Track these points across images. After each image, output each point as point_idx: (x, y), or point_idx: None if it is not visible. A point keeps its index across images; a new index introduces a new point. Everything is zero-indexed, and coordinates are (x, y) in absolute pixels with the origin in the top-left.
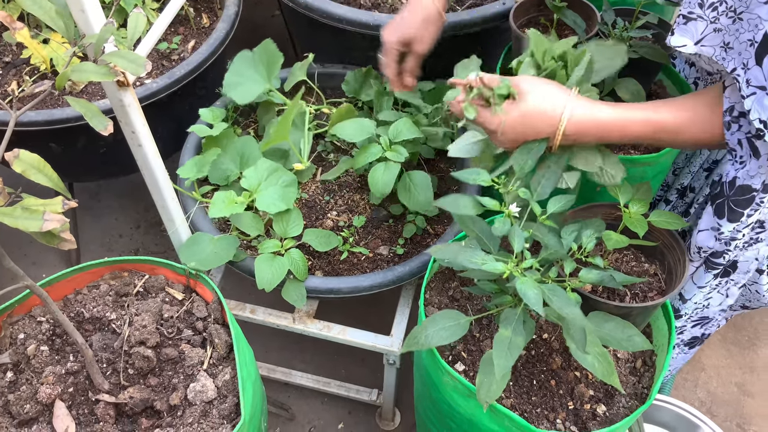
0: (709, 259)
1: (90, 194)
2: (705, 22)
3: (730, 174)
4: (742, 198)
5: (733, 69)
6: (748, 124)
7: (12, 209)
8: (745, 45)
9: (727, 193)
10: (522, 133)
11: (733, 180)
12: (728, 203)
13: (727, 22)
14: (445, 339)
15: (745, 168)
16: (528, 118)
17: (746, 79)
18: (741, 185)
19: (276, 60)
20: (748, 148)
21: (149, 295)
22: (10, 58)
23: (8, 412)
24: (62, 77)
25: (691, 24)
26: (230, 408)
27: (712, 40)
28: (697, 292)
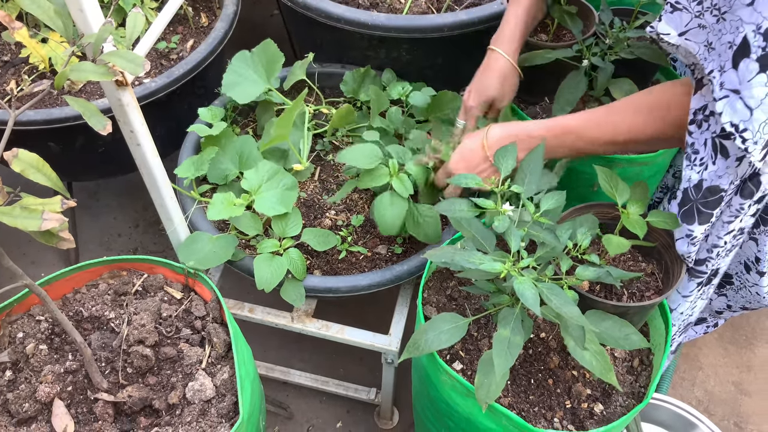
0: (692, 268)
1: (89, 193)
2: (690, 14)
3: (693, 179)
4: (711, 199)
5: (710, 71)
6: (715, 123)
7: (11, 208)
8: (725, 47)
9: (694, 197)
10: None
11: (700, 183)
12: (696, 206)
13: (712, 20)
14: (445, 342)
15: (712, 169)
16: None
17: (720, 81)
18: (709, 187)
19: (276, 60)
20: (710, 149)
21: (148, 294)
22: (8, 57)
23: (7, 410)
24: (61, 77)
25: (677, 14)
26: (229, 407)
27: (696, 35)
28: (682, 302)
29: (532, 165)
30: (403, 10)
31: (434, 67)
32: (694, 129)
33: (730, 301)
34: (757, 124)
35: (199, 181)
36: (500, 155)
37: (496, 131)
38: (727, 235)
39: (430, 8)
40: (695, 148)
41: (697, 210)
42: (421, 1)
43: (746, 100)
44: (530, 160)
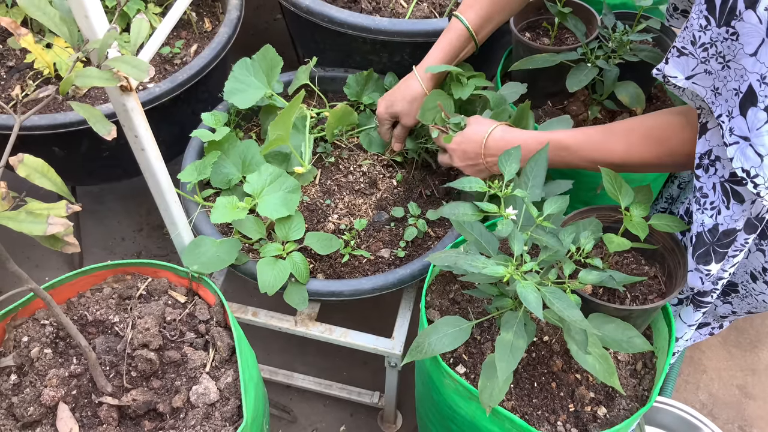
0: (697, 299)
1: (92, 198)
2: (696, 60)
3: (707, 223)
4: (727, 240)
5: (719, 115)
6: (722, 168)
7: (16, 213)
8: (731, 93)
9: (709, 240)
10: (463, 152)
11: (715, 227)
12: (713, 248)
13: (717, 66)
14: (448, 346)
15: (727, 213)
16: (464, 139)
17: (730, 127)
18: (725, 230)
19: (275, 65)
20: (721, 194)
21: (152, 298)
22: (13, 63)
23: (12, 414)
24: (66, 82)
25: (683, 58)
26: (233, 410)
27: (703, 80)
28: (687, 330)
29: (535, 169)
30: (406, 14)
31: None
32: (701, 173)
33: (735, 308)
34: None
35: (203, 186)
36: (504, 159)
37: (497, 135)
38: (731, 268)
39: (433, 12)
40: (704, 192)
41: (713, 251)
42: (423, 6)
43: (756, 147)
44: (534, 164)
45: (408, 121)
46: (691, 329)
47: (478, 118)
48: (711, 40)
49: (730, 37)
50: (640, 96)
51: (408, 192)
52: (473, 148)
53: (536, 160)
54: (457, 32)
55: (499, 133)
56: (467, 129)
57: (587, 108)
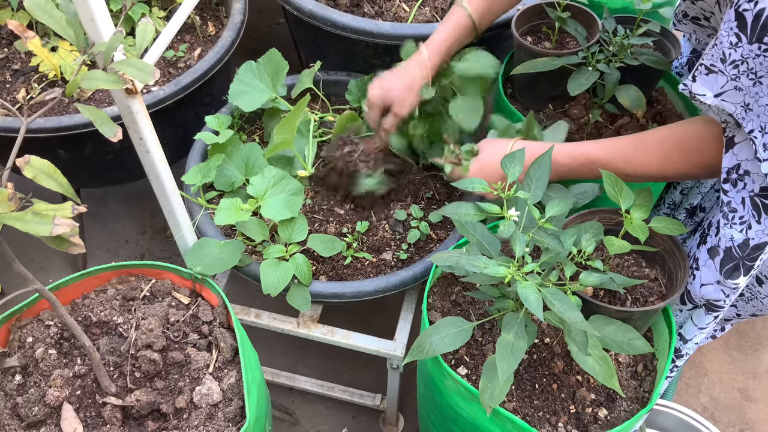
0: (711, 303)
1: (96, 200)
2: (726, 77)
3: (736, 237)
4: (756, 255)
5: (751, 130)
6: (752, 182)
7: (23, 214)
8: (764, 108)
9: (739, 255)
10: (486, 177)
11: (746, 242)
12: (743, 263)
13: (748, 83)
14: (449, 346)
15: (759, 228)
16: (483, 165)
17: (763, 143)
18: (756, 245)
19: (281, 69)
20: (751, 208)
21: (156, 299)
22: (18, 66)
23: (17, 414)
24: (72, 85)
25: (712, 76)
26: (235, 411)
27: (733, 96)
28: (698, 333)
29: (538, 172)
30: (408, 18)
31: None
32: (729, 188)
33: (739, 311)
34: None
35: (206, 188)
36: (508, 161)
37: (520, 145)
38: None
39: (435, 17)
40: (732, 206)
41: (743, 265)
42: (425, 10)
43: None
44: (537, 167)
45: (401, 111)
46: (702, 333)
47: (489, 141)
48: (742, 57)
49: (762, 53)
50: (641, 99)
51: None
52: (495, 173)
53: (539, 162)
54: (459, 21)
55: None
56: (483, 154)
57: (588, 111)
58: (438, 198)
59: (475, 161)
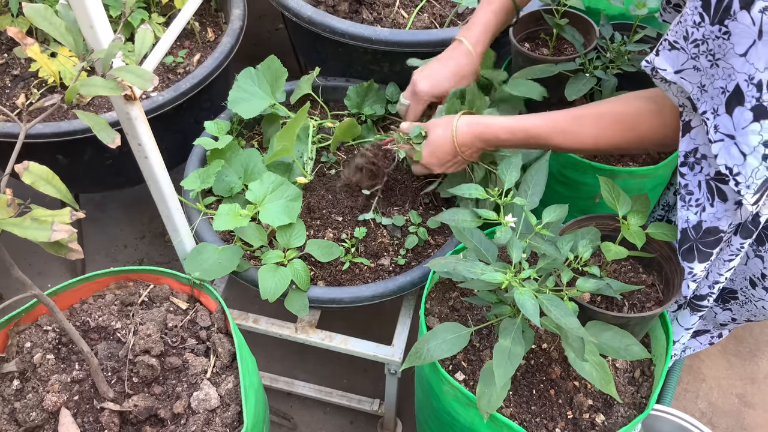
0: (694, 302)
1: (95, 205)
2: (686, 55)
3: (692, 219)
4: (711, 239)
5: (704, 112)
6: (708, 166)
7: (21, 220)
8: (717, 91)
9: (693, 237)
10: (439, 158)
11: (699, 224)
12: (696, 246)
13: (706, 64)
14: (447, 352)
15: (711, 211)
16: (434, 147)
17: (715, 124)
18: (708, 228)
19: (280, 76)
20: (706, 191)
21: (154, 304)
22: (18, 71)
23: (14, 419)
24: (71, 91)
25: (674, 52)
26: (233, 416)
27: (691, 76)
28: (684, 334)
29: (535, 178)
30: (407, 25)
31: None
32: (687, 171)
33: (734, 314)
34: (750, 169)
35: (205, 193)
36: (504, 167)
37: (464, 127)
38: (727, 272)
39: (433, 23)
40: (689, 189)
41: (697, 249)
42: (424, 16)
43: (741, 146)
44: (534, 173)
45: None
46: (688, 333)
47: (434, 121)
48: (703, 37)
49: (722, 35)
50: None
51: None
52: (446, 151)
53: (537, 169)
54: (500, 3)
55: (465, 126)
56: (432, 136)
57: None
58: (436, 204)
59: (426, 144)
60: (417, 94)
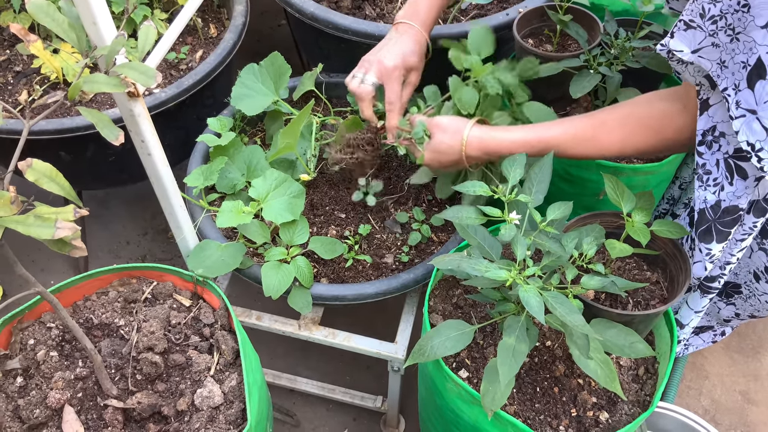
0: (704, 284)
1: (98, 202)
2: (704, 33)
3: (709, 199)
4: (729, 218)
5: (725, 88)
6: (727, 144)
7: (25, 217)
8: (738, 66)
9: (711, 217)
10: (440, 161)
11: (717, 203)
12: (715, 226)
13: (725, 39)
14: (450, 349)
15: (730, 189)
16: (438, 154)
17: (736, 100)
18: (727, 207)
19: (284, 72)
20: (724, 170)
21: (157, 301)
22: (20, 68)
23: (18, 416)
24: (74, 88)
25: (690, 32)
26: (236, 413)
27: (709, 53)
28: (693, 317)
29: (539, 175)
30: None
31: (440, 77)
32: (704, 150)
33: (738, 309)
34: None
35: (208, 190)
36: (508, 165)
37: (475, 137)
38: (739, 252)
39: (437, 19)
40: (707, 168)
41: (716, 229)
42: None
43: (763, 121)
44: (538, 170)
45: (417, 79)
46: (697, 316)
47: (440, 123)
48: (721, 12)
49: (741, 8)
50: None
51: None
52: (451, 159)
53: (541, 166)
54: None
55: (477, 139)
56: (437, 140)
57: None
58: (439, 201)
59: (430, 148)
60: (390, 69)
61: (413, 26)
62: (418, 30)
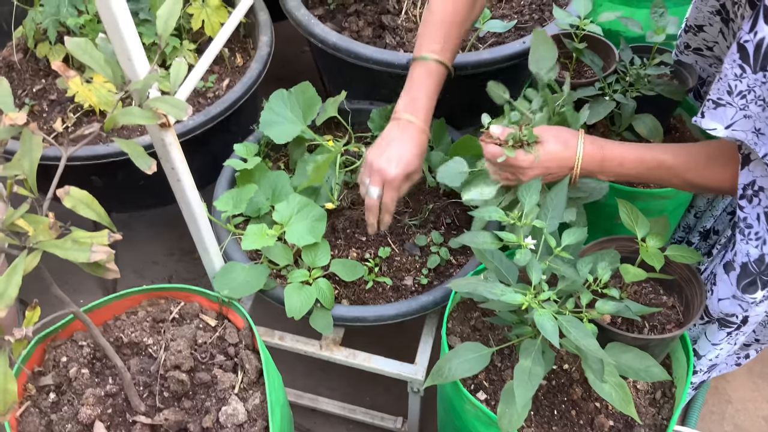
0: (725, 319)
1: (122, 223)
2: (734, 108)
3: (752, 253)
4: None
5: (765, 154)
6: (766, 198)
7: (62, 242)
8: None
9: (756, 271)
10: (547, 168)
11: (761, 258)
12: (760, 278)
13: (757, 109)
14: (468, 371)
15: None
16: (552, 155)
17: None
18: None
19: (314, 103)
20: (765, 223)
21: (184, 321)
22: (55, 96)
23: (51, 431)
24: (111, 120)
25: (720, 109)
26: (260, 431)
27: (743, 125)
28: (711, 349)
29: (555, 200)
30: None
31: (456, 104)
32: (745, 204)
33: (758, 336)
34: None
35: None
36: (524, 190)
37: (589, 148)
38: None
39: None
40: (748, 222)
41: (761, 281)
42: None
43: None
44: (554, 195)
45: (417, 176)
46: (714, 349)
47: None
48: (748, 87)
49: (767, 81)
50: (658, 128)
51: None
52: (560, 166)
53: (556, 191)
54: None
55: (590, 146)
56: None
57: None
58: (458, 224)
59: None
60: (391, 180)
61: (415, 123)
62: (419, 127)
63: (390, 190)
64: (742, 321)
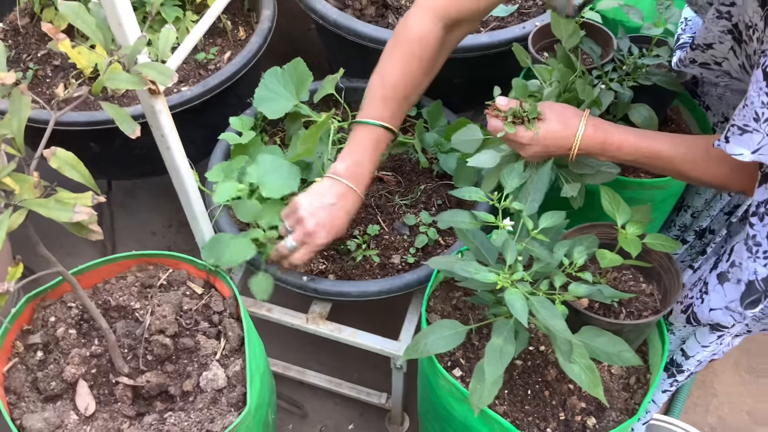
0: (719, 324)
1: (125, 192)
2: (761, 134)
3: (760, 272)
4: None
5: None
6: None
7: (46, 201)
8: None
9: (762, 289)
10: (546, 146)
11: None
12: (765, 295)
13: None
14: (444, 347)
15: None
16: (552, 134)
17: None
18: None
19: (305, 78)
20: None
21: (171, 287)
22: (59, 62)
23: (36, 387)
24: (98, 84)
25: (747, 135)
26: (238, 397)
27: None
28: (700, 350)
29: (537, 184)
30: None
31: (455, 87)
32: (756, 221)
33: (750, 328)
34: None
35: None
36: (507, 173)
37: (590, 130)
38: None
39: None
40: (757, 240)
41: (765, 297)
42: None
43: None
44: (537, 179)
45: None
46: (704, 350)
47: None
48: None
49: None
50: (653, 119)
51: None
52: (559, 146)
53: (539, 175)
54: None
55: (592, 130)
56: (553, 121)
57: None
58: (449, 205)
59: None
60: (315, 246)
61: (355, 192)
62: (358, 197)
63: (307, 252)
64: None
